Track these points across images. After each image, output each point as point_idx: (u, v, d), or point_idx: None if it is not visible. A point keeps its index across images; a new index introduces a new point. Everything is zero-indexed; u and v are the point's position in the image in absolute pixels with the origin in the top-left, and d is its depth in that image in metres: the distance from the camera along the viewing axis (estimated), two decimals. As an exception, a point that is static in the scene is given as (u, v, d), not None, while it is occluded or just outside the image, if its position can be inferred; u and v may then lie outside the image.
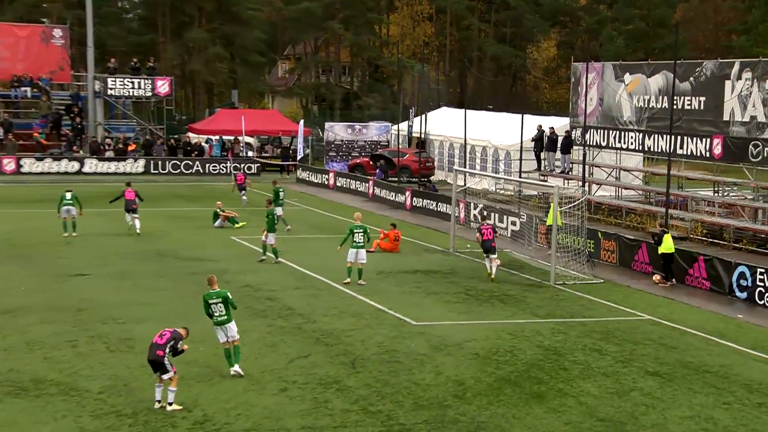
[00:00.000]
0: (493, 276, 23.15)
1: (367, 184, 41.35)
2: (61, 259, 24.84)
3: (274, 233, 24.52)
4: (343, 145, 51.24)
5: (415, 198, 36.72)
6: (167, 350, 13.17)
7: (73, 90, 53.12)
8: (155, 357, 13.10)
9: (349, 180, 43.51)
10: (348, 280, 22.07)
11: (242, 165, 48.90)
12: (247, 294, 20.67)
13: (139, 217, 29.63)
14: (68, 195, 28.53)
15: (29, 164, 46.63)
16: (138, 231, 29.25)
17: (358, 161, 48.85)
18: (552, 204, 25.03)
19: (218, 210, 30.99)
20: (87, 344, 16.54)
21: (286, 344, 16.96)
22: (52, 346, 16.43)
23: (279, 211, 28.75)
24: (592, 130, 36.09)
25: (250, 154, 51.64)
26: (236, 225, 31.43)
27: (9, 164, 46.39)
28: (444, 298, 21.24)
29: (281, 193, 31.08)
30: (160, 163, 48.61)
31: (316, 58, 72.13)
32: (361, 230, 21.86)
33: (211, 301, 14.74)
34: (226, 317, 14.73)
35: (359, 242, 21.94)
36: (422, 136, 49.81)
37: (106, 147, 49.26)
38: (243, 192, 37.07)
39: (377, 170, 46.03)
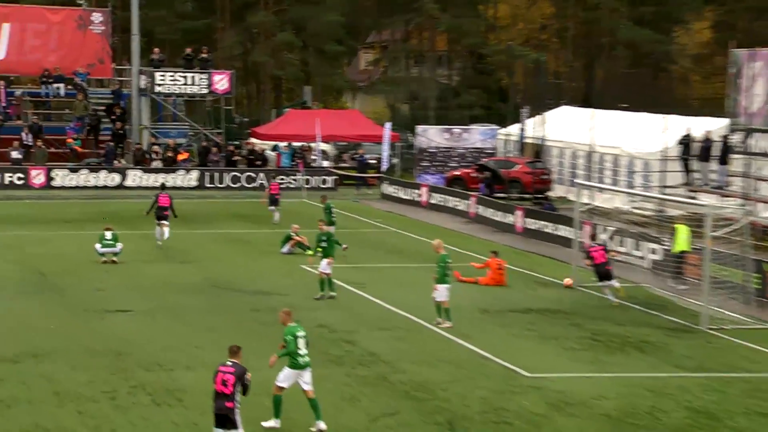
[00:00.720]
0: (615, 302, 24.21)
1: (467, 202, 41.30)
2: (98, 292, 25.37)
3: (330, 259, 24.56)
4: (438, 154, 51.34)
5: (528, 219, 36.52)
6: (237, 396, 13.17)
7: (115, 87, 54.64)
8: (224, 410, 13.09)
9: (445, 196, 43.56)
10: (448, 323, 22.04)
11: (314, 178, 49.51)
12: (321, 336, 20.80)
13: (169, 225, 30.40)
14: (108, 235, 29.30)
15: (61, 176, 48.12)
16: (165, 238, 30.56)
17: (457, 173, 48.84)
18: (680, 225, 24.69)
19: (292, 234, 31.32)
20: (128, 396, 16.86)
21: (368, 398, 17.01)
22: (86, 397, 16.78)
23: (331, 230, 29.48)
24: (757, 135, 35.27)
25: (325, 164, 52.25)
26: (308, 252, 31.74)
27: (38, 176, 47.88)
28: (564, 344, 21.03)
29: (333, 210, 31.71)
30: (216, 175, 49.61)
31: (406, 46, 72.65)
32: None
33: (299, 334, 14.91)
34: (309, 359, 14.98)
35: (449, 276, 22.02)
36: (538, 142, 49.51)
37: (153, 155, 50.46)
38: (275, 207, 37.70)
39: (480, 184, 45.95)
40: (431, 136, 51.73)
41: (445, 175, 49.58)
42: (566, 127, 49.17)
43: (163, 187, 33.82)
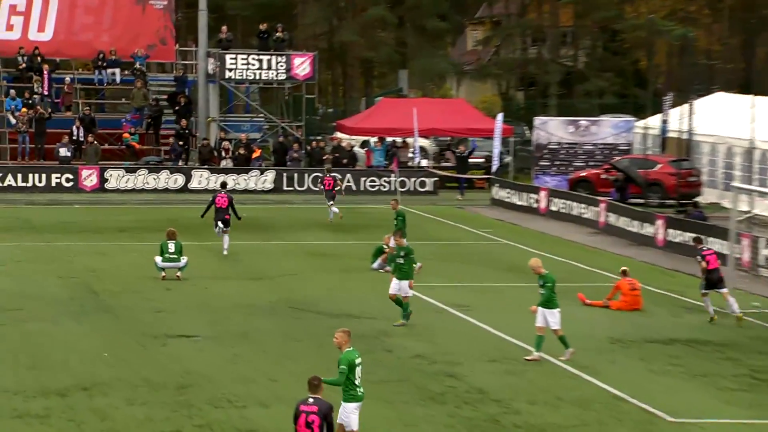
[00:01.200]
0: (738, 314, 25.07)
1: (596, 209, 40.95)
2: (159, 314, 25.67)
3: (409, 281, 24.58)
4: (560, 151, 51.01)
5: (670, 229, 36.06)
6: None
7: (178, 72, 55.53)
8: None
9: (568, 202, 43.26)
10: (570, 350, 21.92)
11: (410, 180, 49.62)
12: (417, 368, 20.81)
13: (228, 232, 30.83)
14: (171, 246, 29.86)
15: (116, 177, 49.02)
16: (225, 251, 31.22)
17: (583, 174, 48.46)
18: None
19: (384, 246, 31.46)
20: (193, 435, 17.13)
21: (475, 445, 17.00)
22: (143, 436, 17.09)
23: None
24: None
25: (424, 163, 52.33)
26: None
27: (89, 177, 48.82)
28: (717, 383, 20.72)
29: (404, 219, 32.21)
30: (296, 176, 50.13)
31: (523, 21, 72.35)
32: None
33: (358, 362, 15.07)
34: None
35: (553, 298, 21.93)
36: (684, 136, 48.80)
37: (222, 153, 51.10)
38: (332, 202, 38.83)
39: (612, 188, 45.52)
40: (552, 129, 51.42)
41: (569, 176, 49.25)
42: (720, 119, 48.37)
43: (223, 186, 34.50)
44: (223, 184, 35.37)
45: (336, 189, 39.58)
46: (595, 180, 47.54)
